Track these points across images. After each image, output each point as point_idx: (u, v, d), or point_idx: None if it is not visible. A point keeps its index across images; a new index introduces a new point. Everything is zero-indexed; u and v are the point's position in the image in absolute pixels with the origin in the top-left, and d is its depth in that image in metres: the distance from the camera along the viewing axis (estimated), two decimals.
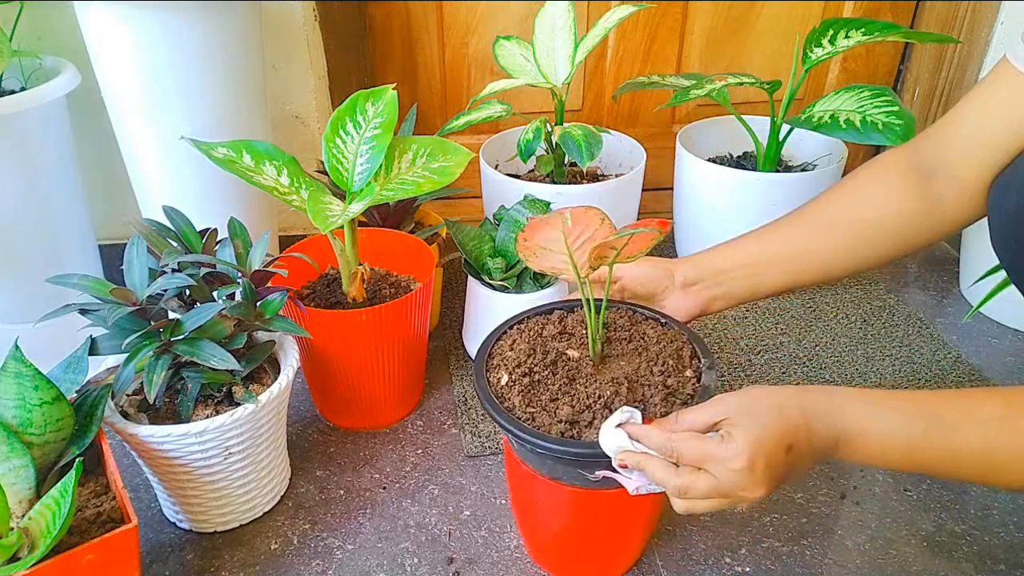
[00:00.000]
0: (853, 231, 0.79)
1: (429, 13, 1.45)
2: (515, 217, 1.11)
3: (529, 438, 0.68)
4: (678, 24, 1.52)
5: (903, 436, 0.59)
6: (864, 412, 0.60)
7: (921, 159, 0.78)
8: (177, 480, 0.86)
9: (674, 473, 0.61)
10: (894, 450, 0.59)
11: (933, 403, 0.60)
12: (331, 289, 1.05)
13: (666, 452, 0.62)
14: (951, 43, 1.42)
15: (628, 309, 0.83)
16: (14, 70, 1.19)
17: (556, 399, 0.72)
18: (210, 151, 0.90)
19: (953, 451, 0.58)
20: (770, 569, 0.88)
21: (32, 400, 0.70)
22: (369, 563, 0.89)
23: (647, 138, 1.39)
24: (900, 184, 0.78)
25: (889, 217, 0.78)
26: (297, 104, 1.38)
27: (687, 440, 0.61)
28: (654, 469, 0.63)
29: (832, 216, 0.80)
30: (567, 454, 0.68)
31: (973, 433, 0.57)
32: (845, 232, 0.79)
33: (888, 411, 0.60)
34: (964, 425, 0.58)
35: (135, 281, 0.84)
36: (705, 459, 0.60)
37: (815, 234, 0.80)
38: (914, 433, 0.59)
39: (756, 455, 0.58)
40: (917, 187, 0.77)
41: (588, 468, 0.71)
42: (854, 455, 0.61)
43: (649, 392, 0.72)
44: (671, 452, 0.62)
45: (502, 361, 0.77)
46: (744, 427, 0.59)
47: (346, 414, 1.08)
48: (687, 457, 0.61)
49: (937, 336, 1.26)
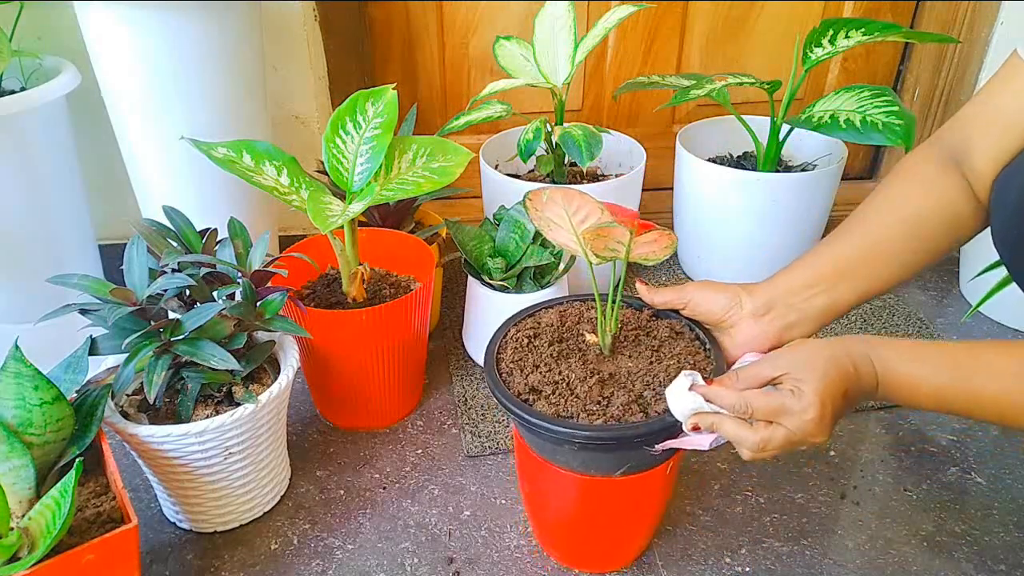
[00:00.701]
0: (910, 239, 0.78)
1: (429, 13, 1.45)
2: (515, 217, 1.11)
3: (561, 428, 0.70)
4: (678, 24, 1.52)
5: (931, 383, 0.66)
6: (898, 359, 0.67)
7: (946, 152, 0.79)
8: (177, 480, 0.86)
9: (751, 430, 0.66)
10: (924, 397, 0.66)
11: (958, 353, 0.66)
12: (331, 289, 1.05)
13: (740, 410, 0.66)
14: (951, 43, 1.42)
15: (650, 309, 0.84)
16: (14, 70, 1.19)
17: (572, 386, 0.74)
18: (210, 151, 0.90)
19: (975, 397, 0.65)
20: (770, 569, 0.88)
21: (32, 400, 0.70)
22: (369, 563, 0.89)
23: (647, 138, 1.39)
24: (936, 169, 0.78)
25: (936, 215, 0.77)
26: (297, 104, 1.38)
27: (759, 397, 0.66)
28: (729, 428, 0.67)
29: (882, 218, 0.79)
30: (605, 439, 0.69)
31: (992, 384, 0.64)
32: (905, 240, 0.78)
33: (917, 361, 0.66)
34: (983, 376, 0.64)
35: (135, 281, 0.84)
36: (779, 413, 0.65)
37: (879, 244, 0.79)
38: (940, 381, 0.65)
39: (825, 404, 0.64)
40: (955, 173, 0.77)
41: (646, 445, 0.72)
42: (890, 396, 0.68)
43: (648, 393, 0.72)
44: (745, 409, 0.66)
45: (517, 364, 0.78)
46: (810, 381, 0.64)
47: (346, 414, 1.08)
48: (761, 412, 0.65)
49: (937, 336, 1.26)
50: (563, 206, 0.70)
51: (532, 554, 0.90)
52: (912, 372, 0.66)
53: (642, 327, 0.81)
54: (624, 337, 0.80)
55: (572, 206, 0.70)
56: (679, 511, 0.95)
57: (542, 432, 0.71)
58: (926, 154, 0.80)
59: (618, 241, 0.70)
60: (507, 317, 0.84)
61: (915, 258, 0.78)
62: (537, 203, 0.72)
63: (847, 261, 0.78)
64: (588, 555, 0.87)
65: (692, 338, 0.80)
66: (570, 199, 0.70)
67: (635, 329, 0.81)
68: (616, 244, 0.70)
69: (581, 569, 0.88)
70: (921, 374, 0.66)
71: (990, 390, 0.64)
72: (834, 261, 0.79)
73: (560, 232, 0.73)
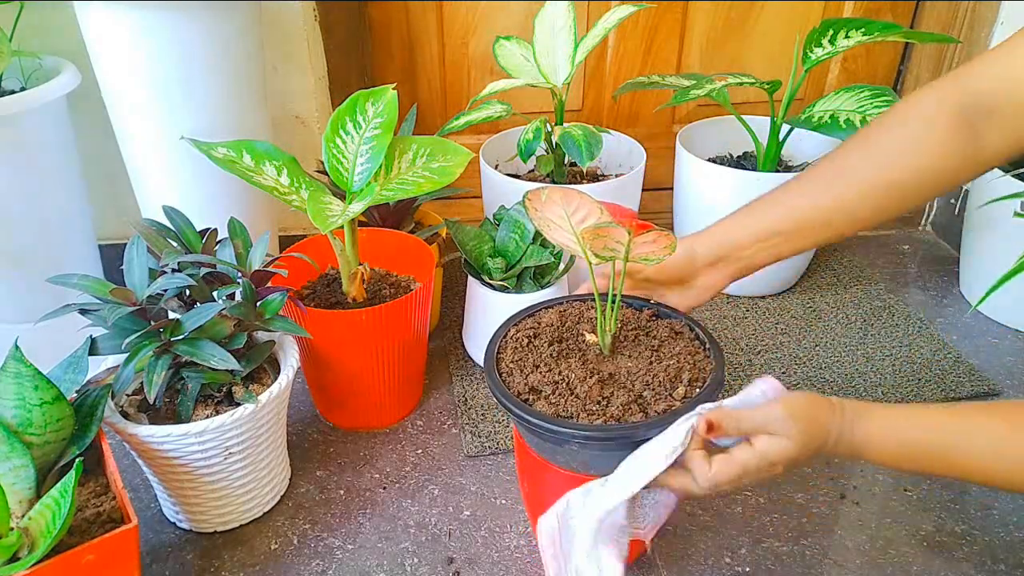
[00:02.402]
0: (891, 187, 0.75)
1: (429, 13, 1.45)
2: (515, 217, 1.11)
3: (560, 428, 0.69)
4: (678, 24, 1.52)
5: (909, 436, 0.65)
6: (883, 414, 0.66)
7: (970, 105, 0.72)
8: (177, 480, 0.86)
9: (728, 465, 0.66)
10: (905, 463, 0.66)
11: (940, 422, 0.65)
12: (331, 289, 1.05)
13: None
14: (951, 43, 1.42)
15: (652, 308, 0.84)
16: (14, 70, 1.19)
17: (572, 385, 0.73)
18: (210, 151, 0.90)
19: (960, 470, 0.64)
20: (770, 569, 0.88)
21: (32, 400, 0.70)
22: (369, 563, 0.89)
23: (647, 138, 1.39)
24: (945, 129, 0.73)
25: (929, 169, 0.74)
26: (297, 104, 1.38)
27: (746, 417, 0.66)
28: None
29: (866, 174, 0.75)
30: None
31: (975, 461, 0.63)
32: (883, 190, 0.75)
33: (901, 417, 0.66)
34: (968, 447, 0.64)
35: (135, 281, 0.84)
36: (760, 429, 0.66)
37: (849, 192, 0.75)
38: (918, 436, 0.64)
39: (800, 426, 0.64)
40: (962, 132, 0.72)
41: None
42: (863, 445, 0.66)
43: (649, 393, 0.72)
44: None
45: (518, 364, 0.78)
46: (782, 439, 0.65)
47: (346, 414, 1.08)
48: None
49: (937, 336, 1.26)
50: (562, 206, 0.70)
51: (532, 554, 0.90)
52: (892, 425, 0.65)
53: (642, 327, 0.81)
54: (624, 337, 0.80)
55: (571, 206, 0.70)
56: (679, 511, 0.95)
57: (542, 432, 0.71)
58: (943, 100, 0.73)
59: (617, 241, 0.70)
60: (507, 317, 0.84)
61: (886, 215, 0.76)
62: (536, 203, 0.72)
63: (810, 216, 0.76)
64: None
65: (692, 338, 0.80)
66: (569, 199, 0.70)
67: (635, 329, 0.81)
68: (615, 244, 0.70)
69: None
70: (901, 427, 0.65)
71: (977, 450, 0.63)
72: (795, 213, 0.77)
73: (560, 232, 0.73)
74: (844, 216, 0.76)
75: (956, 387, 1.14)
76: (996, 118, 0.71)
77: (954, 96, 0.73)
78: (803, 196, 0.78)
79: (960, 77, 0.73)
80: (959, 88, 0.73)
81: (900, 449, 0.65)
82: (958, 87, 0.73)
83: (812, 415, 0.65)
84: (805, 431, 0.64)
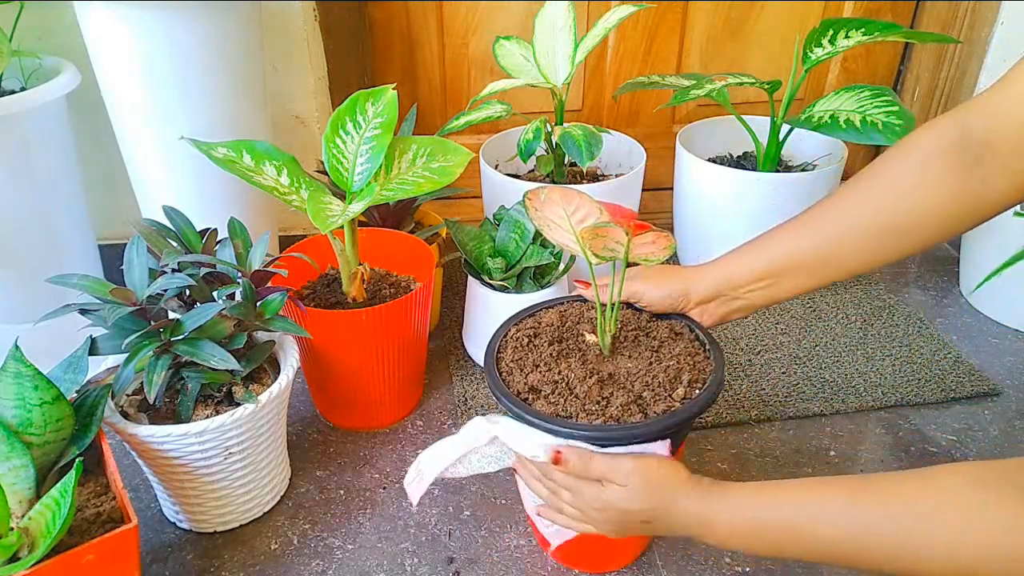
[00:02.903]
0: (887, 230, 0.73)
1: (429, 13, 1.45)
2: (515, 217, 1.11)
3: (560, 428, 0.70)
4: (678, 24, 1.52)
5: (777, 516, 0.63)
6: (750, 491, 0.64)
7: (967, 142, 0.69)
8: (177, 480, 0.86)
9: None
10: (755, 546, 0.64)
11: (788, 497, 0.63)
12: (331, 289, 1.05)
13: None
14: (951, 43, 1.42)
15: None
16: (14, 70, 1.19)
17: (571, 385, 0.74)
18: (210, 151, 0.90)
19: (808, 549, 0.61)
20: (770, 569, 0.88)
21: (32, 400, 0.70)
22: (369, 563, 0.89)
23: (647, 138, 1.39)
24: (941, 172, 0.70)
25: (927, 211, 0.71)
26: (297, 104, 1.38)
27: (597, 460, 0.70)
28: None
29: (863, 215, 0.74)
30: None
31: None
32: (878, 233, 0.73)
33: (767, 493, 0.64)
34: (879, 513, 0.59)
35: (135, 281, 0.84)
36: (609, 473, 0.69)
37: (847, 237, 0.74)
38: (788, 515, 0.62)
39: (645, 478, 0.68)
40: (960, 174, 0.69)
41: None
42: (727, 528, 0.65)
43: (648, 393, 0.72)
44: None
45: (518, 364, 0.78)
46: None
47: (346, 414, 1.08)
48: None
49: (937, 336, 1.26)
50: (562, 206, 0.71)
51: (532, 554, 0.90)
52: (746, 503, 0.64)
53: (642, 327, 0.81)
54: (624, 337, 0.80)
55: (571, 206, 0.70)
56: None
57: (541, 431, 0.71)
58: (940, 142, 0.70)
59: (617, 241, 0.70)
60: (507, 317, 0.84)
61: (887, 258, 0.75)
62: (536, 202, 0.72)
63: (808, 257, 0.75)
64: (588, 555, 0.87)
65: (692, 339, 0.80)
66: (569, 199, 0.70)
67: (635, 329, 0.81)
68: (615, 244, 0.70)
69: (581, 569, 0.88)
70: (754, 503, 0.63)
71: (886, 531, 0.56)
72: (792, 254, 0.76)
73: (559, 232, 0.73)
74: (840, 259, 0.75)
75: (956, 387, 1.14)
76: (997, 157, 0.67)
77: (952, 134, 0.70)
78: (803, 237, 0.77)
79: (958, 114, 0.70)
80: (957, 126, 0.70)
81: (751, 526, 0.63)
82: (956, 125, 0.70)
83: (659, 477, 0.67)
84: (646, 486, 0.67)
